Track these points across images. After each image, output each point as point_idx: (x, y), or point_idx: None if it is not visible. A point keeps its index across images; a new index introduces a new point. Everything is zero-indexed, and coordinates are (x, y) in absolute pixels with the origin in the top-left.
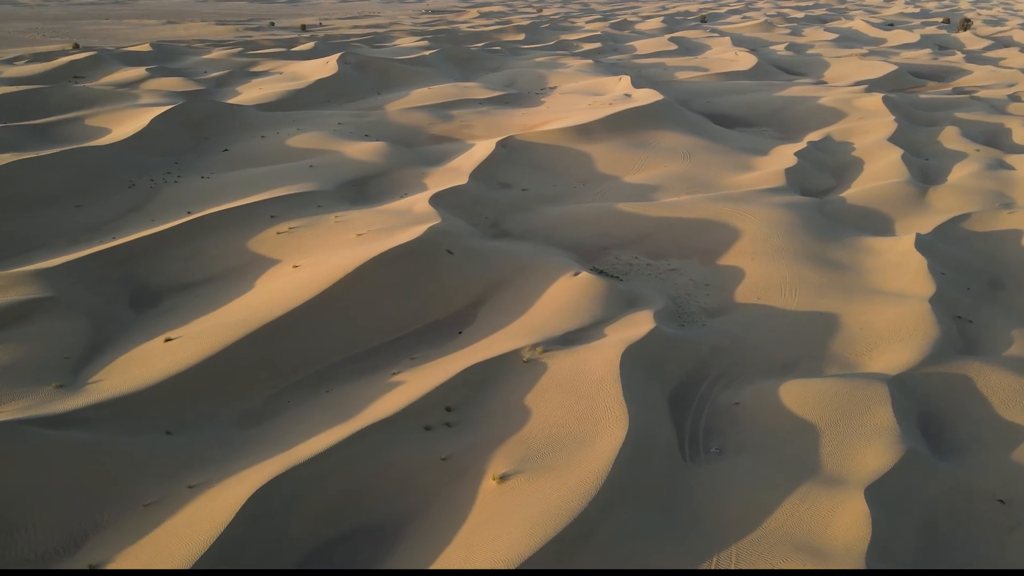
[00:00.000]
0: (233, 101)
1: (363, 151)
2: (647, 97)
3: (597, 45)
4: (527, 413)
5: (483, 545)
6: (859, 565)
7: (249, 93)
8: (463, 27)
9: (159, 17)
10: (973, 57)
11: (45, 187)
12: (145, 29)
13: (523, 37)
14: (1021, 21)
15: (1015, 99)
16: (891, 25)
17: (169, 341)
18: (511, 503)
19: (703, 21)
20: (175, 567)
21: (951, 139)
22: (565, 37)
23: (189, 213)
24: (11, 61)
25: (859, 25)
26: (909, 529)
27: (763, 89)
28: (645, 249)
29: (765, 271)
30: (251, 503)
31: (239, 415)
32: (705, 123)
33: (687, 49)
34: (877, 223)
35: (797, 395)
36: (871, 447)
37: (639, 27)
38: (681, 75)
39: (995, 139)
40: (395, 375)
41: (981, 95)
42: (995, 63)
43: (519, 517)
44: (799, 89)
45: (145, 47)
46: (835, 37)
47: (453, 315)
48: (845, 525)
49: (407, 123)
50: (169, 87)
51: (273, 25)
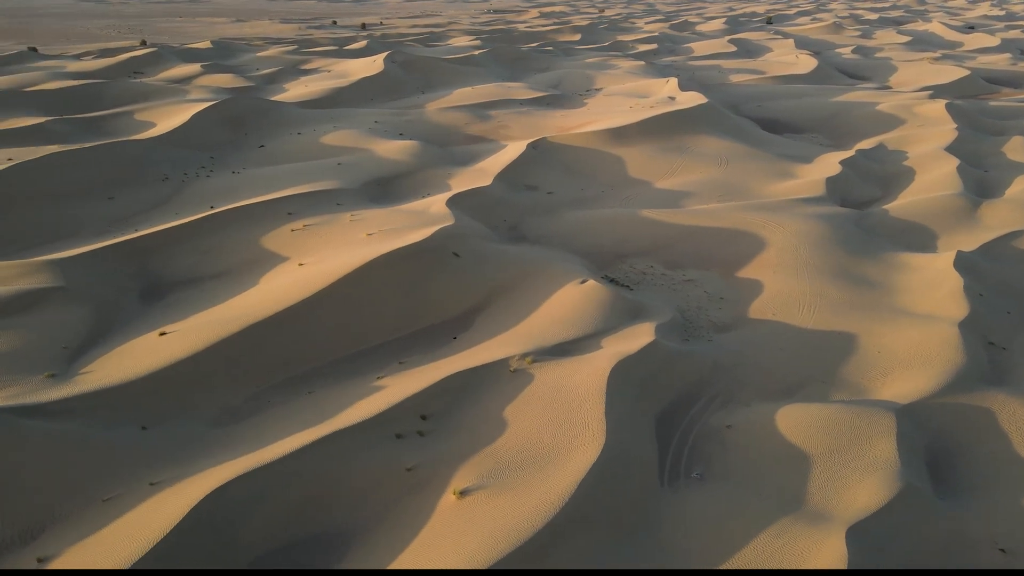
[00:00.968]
0: (278, 98)
1: (394, 150)
2: (690, 100)
3: (653, 46)
4: (503, 426)
5: (430, 562)
6: None
7: (295, 90)
8: (520, 27)
9: (229, 15)
10: None
11: (81, 179)
12: (214, 27)
13: (579, 37)
14: None
15: None
16: (971, 28)
17: (163, 335)
18: (467, 520)
19: (768, 23)
20: (115, 566)
21: (1017, 150)
22: (621, 38)
23: (212, 208)
24: (79, 56)
25: (936, 28)
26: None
27: (819, 94)
28: (663, 258)
29: (785, 285)
30: (203, 505)
31: (217, 412)
32: (751, 128)
33: (747, 51)
34: (919, 238)
35: (794, 420)
36: (865, 481)
37: (700, 28)
38: (736, 78)
39: None
40: (379, 379)
41: None
42: None
43: (471, 536)
44: (858, 94)
45: (206, 44)
46: (907, 40)
47: (451, 320)
48: (819, 566)
49: (444, 122)
50: (220, 83)
51: (335, 24)
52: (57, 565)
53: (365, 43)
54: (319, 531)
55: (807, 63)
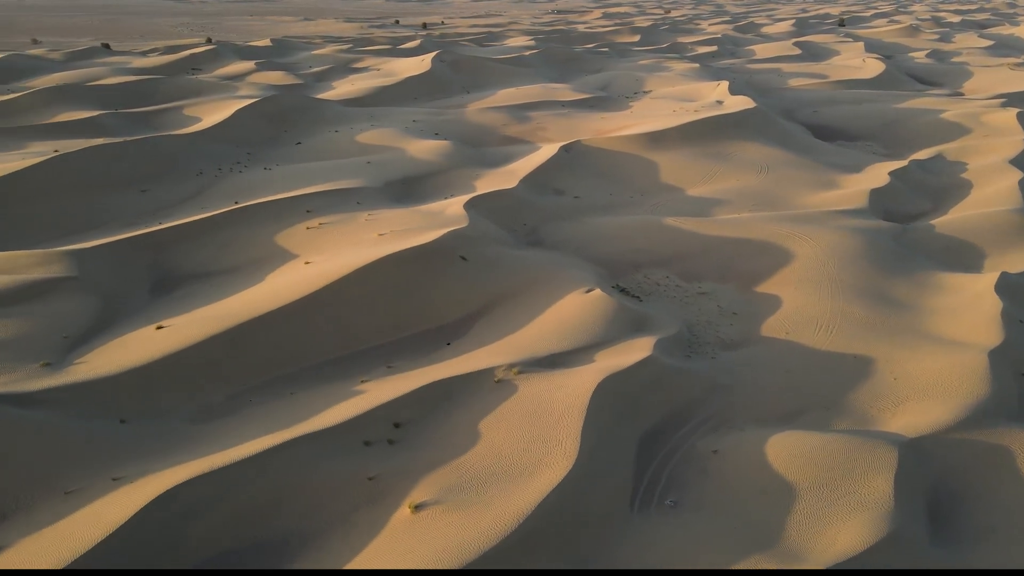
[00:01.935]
0: (323, 96)
1: (425, 149)
2: (737, 105)
3: (712, 48)
4: (475, 438)
5: None
6: None
7: (342, 88)
8: (580, 27)
9: (299, 14)
10: None
11: (118, 171)
12: (280, 25)
13: (637, 39)
14: None
15: None
16: None
17: (160, 329)
18: (417, 536)
19: (841, 25)
20: (51, 565)
21: None
22: (681, 39)
23: (235, 203)
24: (146, 53)
25: (1023, 32)
26: None
27: (881, 99)
28: (681, 268)
29: (805, 302)
30: (152, 505)
31: (196, 410)
32: (800, 135)
33: (812, 54)
34: (963, 257)
35: (786, 449)
36: (850, 521)
37: (766, 30)
38: (795, 82)
39: None
40: (363, 383)
41: None
42: None
43: (417, 553)
44: (923, 101)
45: (265, 42)
46: (989, 44)
47: (448, 325)
48: None
49: (481, 123)
50: (270, 80)
51: (397, 23)
52: (5, 556)
53: (419, 42)
54: (269, 537)
55: (874, 67)
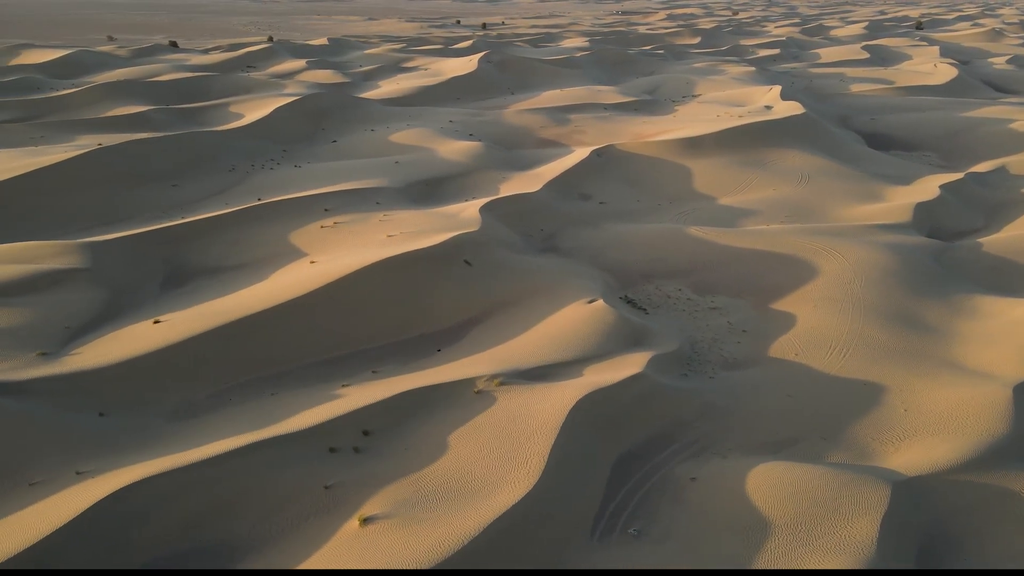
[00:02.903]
0: (367, 95)
1: (456, 150)
2: (786, 111)
3: (775, 51)
4: (442, 451)
5: None
6: None
7: (387, 87)
8: (641, 29)
9: (364, 14)
10: None
11: (153, 165)
12: (344, 25)
13: (697, 41)
14: None
15: None
16: None
17: (157, 323)
18: (359, 551)
19: (918, 28)
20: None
21: None
22: (744, 42)
23: (259, 200)
24: (208, 50)
25: None
26: None
27: (947, 107)
28: (695, 280)
29: (822, 322)
30: (107, 502)
31: (177, 406)
32: (851, 143)
33: (881, 59)
34: (1007, 280)
35: (770, 481)
36: (824, 564)
37: (835, 33)
38: (857, 87)
39: None
40: (344, 387)
41: None
42: None
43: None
44: (993, 109)
45: (322, 41)
46: None
47: (442, 331)
48: None
49: (519, 124)
50: (318, 79)
51: (458, 23)
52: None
53: (471, 42)
54: (217, 540)
55: (945, 73)
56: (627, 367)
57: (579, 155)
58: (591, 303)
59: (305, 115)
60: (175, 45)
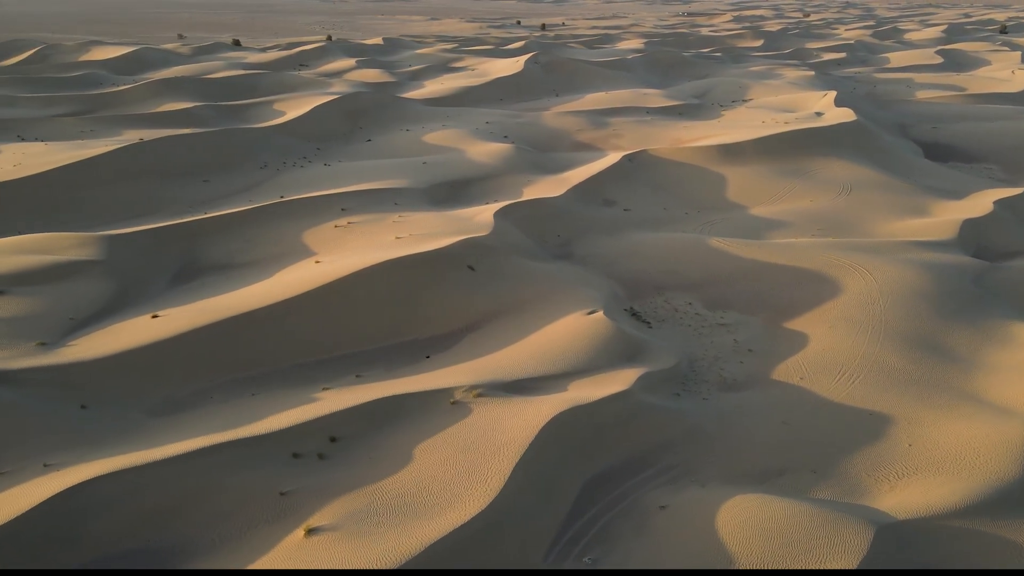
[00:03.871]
0: (410, 94)
1: (486, 152)
2: (836, 117)
3: (841, 55)
4: (404, 463)
5: None
6: None
7: (431, 87)
8: (704, 30)
9: (427, 14)
10: None
11: (188, 161)
12: (406, 24)
13: (760, 43)
14: None
15: None
16: None
17: (155, 318)
18: (299, 562)
19: (1002, 32)
20: None
21: None
22: (809, 45)
23: (281, 197)
24: (266, 48)
25: None
26: None
27: (1020, 116)
28: (708, 295)
29: (835, 345)
30: (60, 497)
31: (158, 402)
32: (904, 153)
33: (956, 64)
34: None
35: (743, 515)
36: None
37: (910, 36)
38: (923, 94)
39: None
40: (324, 390)
41: None
42: None
43: None
44: None
45: (378, 40)
46: None
47: (435, 337)
48: None
49: (556, 127)
50: (366, 78)
51: (519, 24)
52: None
53: (523, 43)
54: (164, 542)
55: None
56: (614, 384)
57: (609, 160)
58: (590, 314)
59: (343, 114)
60: (238, 43)
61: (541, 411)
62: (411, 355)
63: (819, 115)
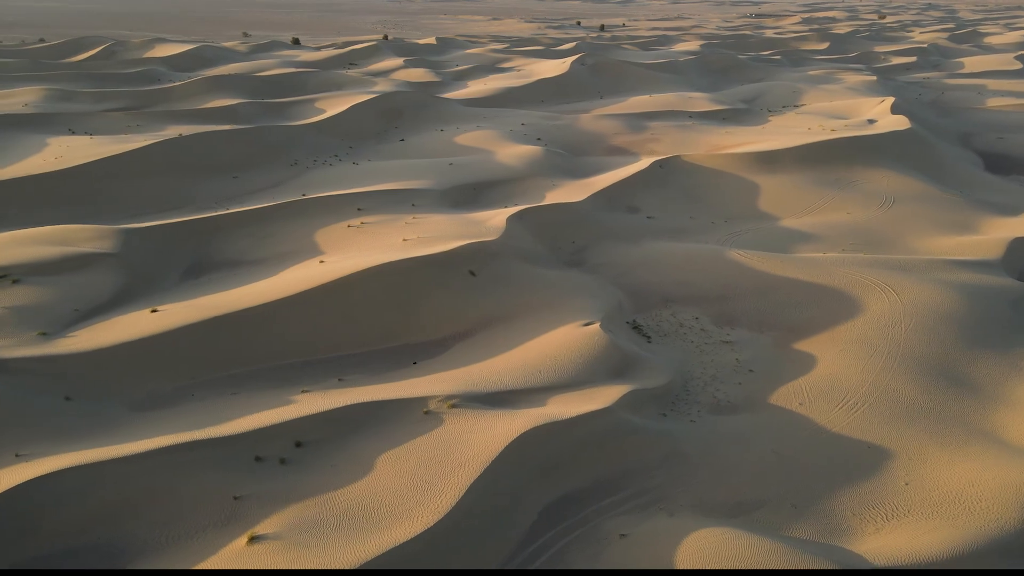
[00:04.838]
0: (451, 95)
1: (515, 155)
2: (888, 126)
3: (911, 59)
4: (364, 472)
5: None
6: None
7: (474, 87)
8: (768, 32)
9: (489, 14)
10: None
11: (220, 157)
12: (465, 24)
13: (825, 46)
14: None
15: None
16: None
17: (154, 312)
18: (236, 570)
19: None
20: None
21: None
22: (877, 48)
23: (303, 195)
24: (320, 47)
25: None
26: None
27: None
28: (718, 310)
29: (844, 369)
30: (21, 489)
31: (142, 397)
32: (960, 164)
33: None
34: None
35: (706, 549)
36: None
37: (990, 40)
38: (995, 101)
39: None
40: (303, 392)
41: None
42: None
43: None
44: None
45: (430, 40)
46: None
47: (427, 342)
48: None
49: (592, 130)
50: (411, 77)
51: (578, 24)
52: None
53: (573, 44)
54: (112, 540)
55: None
56: (596, 400)
57: (639, 165)
58: (586, 326)
59: (379, 113)
60: (297, 42)
61: (512, 426)
62: (398, 360)
63: (871, 122)
